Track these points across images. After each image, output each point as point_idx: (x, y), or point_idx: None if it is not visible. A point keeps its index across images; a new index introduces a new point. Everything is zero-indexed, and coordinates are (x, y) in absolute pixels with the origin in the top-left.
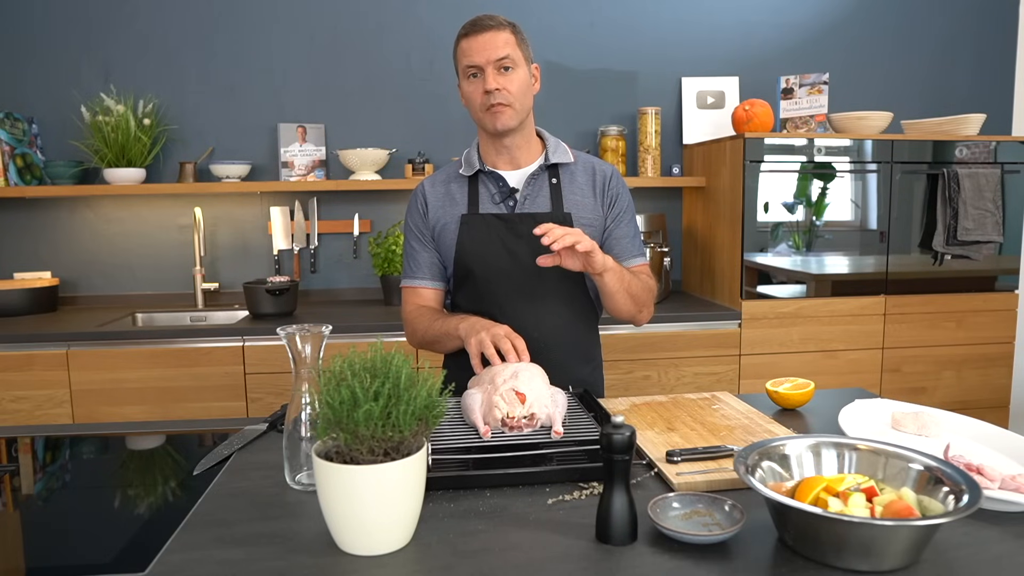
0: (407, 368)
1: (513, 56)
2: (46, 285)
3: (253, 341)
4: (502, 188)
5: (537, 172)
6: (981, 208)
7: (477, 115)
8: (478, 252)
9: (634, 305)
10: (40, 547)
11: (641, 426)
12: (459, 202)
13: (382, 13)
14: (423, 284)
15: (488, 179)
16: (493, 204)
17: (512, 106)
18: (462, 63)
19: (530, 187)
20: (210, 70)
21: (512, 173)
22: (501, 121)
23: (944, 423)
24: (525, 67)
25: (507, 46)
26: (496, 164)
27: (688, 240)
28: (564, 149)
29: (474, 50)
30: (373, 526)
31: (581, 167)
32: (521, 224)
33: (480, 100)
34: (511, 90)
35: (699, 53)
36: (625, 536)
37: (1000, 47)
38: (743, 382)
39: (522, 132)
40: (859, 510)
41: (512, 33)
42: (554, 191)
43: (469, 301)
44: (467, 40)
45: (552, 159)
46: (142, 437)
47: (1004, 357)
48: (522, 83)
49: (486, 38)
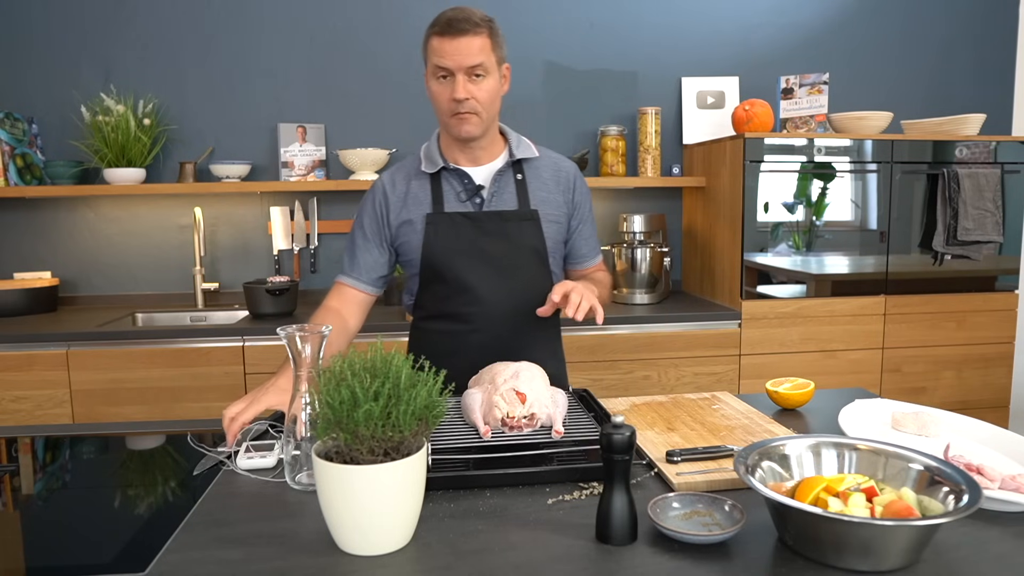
0: (407, 368)
1: (486, 64)
2: (46, 285)
3: (253, 341)
4: (467, 185)
5: (503, 169)
6: (981, 208)
7: (442, 117)
8: (446, 252)
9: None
10: (40, 547)
11: (641, 426)
12: (422, 200)
13: (382, 13)
14: (354, 284)
15: (452, 176)
16: (459, 202)
17: (479, 115)
18: (432, 60)
19: (496, 184)
20: (210, 70)
21: (477, 170)
22: (466, 129)
23: (944, 423)
24: (496, 73)
25: (481, 53)
26: (459, 161)
27: (688, 240)
28: (527, 144)
29: (447, 52)
30: (373, 526)
31: (545, 163)
32: (488, 222)
33: (447, 105)
34: (480, 99)
35: (699, 53)
36: (625, 536)
37: (1000, 47)
38: (743, 382)
39: (486, 135)
40: (859, 510)
41: (488, 36)
42: (520, 188)
43: (436, 301)
44: (440, 40)
45: (516, 154)
46: (142, 437)
47: (1004, 357)
48: (492, 91)
49: (461, 43)
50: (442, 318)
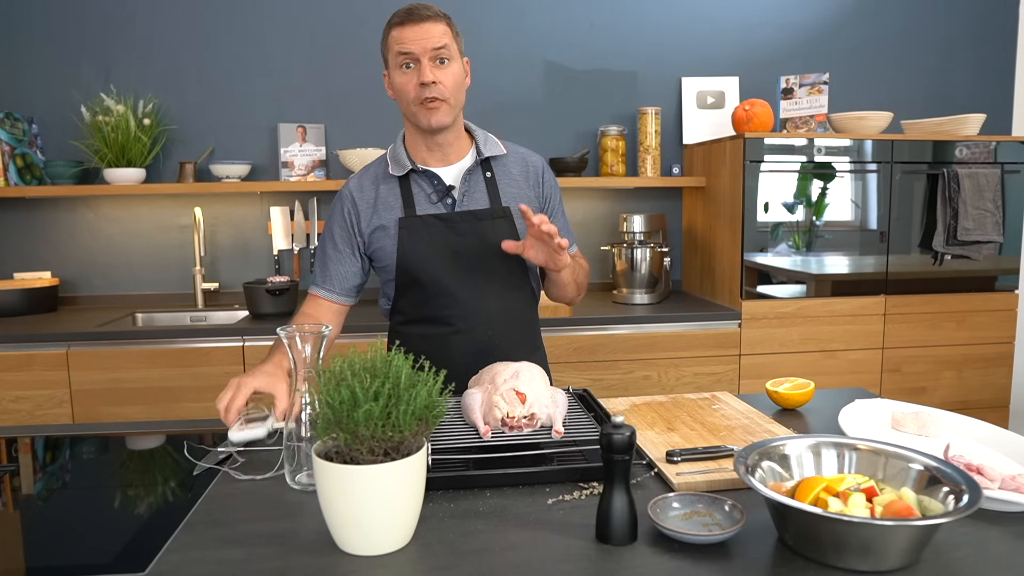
0: (407, 368)
1: (449, 47)
2: (46, 285)
3: (253, 341)
4: (438, 187)
5: (472, 168)
6: (981, 208)
7: (409, 108)
8: (421, 255)
9: (577, 291)
10: (40, 547)
11: (641, 426)
12: (393, 205)
13: (382, 13)
14: (327, 296)
15: (421, 178)
16: (430, 204)
17: (447, 101)
18: (394, 51)
19: (466, 184)
20: (210, 70)
21: (446, 170)
22: (436, 118)
23: (944, 423)
24: (460, 61)
25: (444, 36)
26: (427, 161)
27: (688, 240)
28: (494, 141)
29: (410, 39)
30: (373, 526)
31: (512, 159)
32: (462, 223)
33: (414, 93)
34: (447, 84)
35: (699, 53)
36: (625, 536)
37: (1000, 47)
38: (743, 382)
39: (454, 128)
40: (859, 510)
41: (447, 25)
42: (490, 185)
43: (414, 305)
44: (401, 29)
45: (484, 152)
46: (142, 437)
47: (1004, 357)
48: (457, 77)
49: (423, 28)
50: (421, 322)
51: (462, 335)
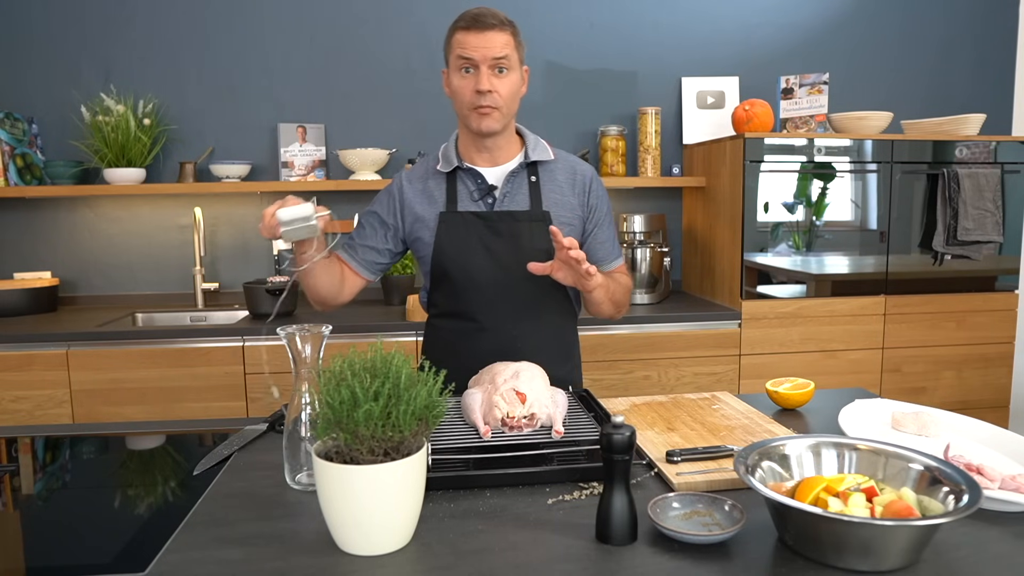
0: (407, 368)
1: (510, 58)
2: (46, 285)
3: (253, 341)
4: (480, 185)
5: (517, 170)
6: (981, 208)
7: (463, 111)
8: (456, 251)
9: (615, 309)
10: (40, 547)
11: (641, 426)
12: (437, 199)
13: (382, 13)
14: (347, 260)
15: (466, 176)
16: (472, 201)
17: (500, 109)
18: (455, 53)
19: (509, 185)
20: (210, 70)
21: (491, 170)
22: (487, 124)
23: (944, 423)
24: (518, 70)
25: (506, 47)
26: (475, 161)
27: (688, 240)
28: (544, 146)
29: (472, 45)
30: (373, 526)
31: (561, 166)
32: (500, 222)
33: (469, 98)
34: (502, 93)
35: (699, 53)
36: (625, 536)
37: (1000, 47)
38: (743, 382)
39: (504, 133)
40: (859, 510)
41: (512, 35)
42: (533, 189)
43: (447, 299)
44: (466, 34)
45: (532, 156)
46: (142, 437)
47: (1004, 357)
48: (513, 87)
49: (487, 36)
50: (451, 316)
51: (487, 332)
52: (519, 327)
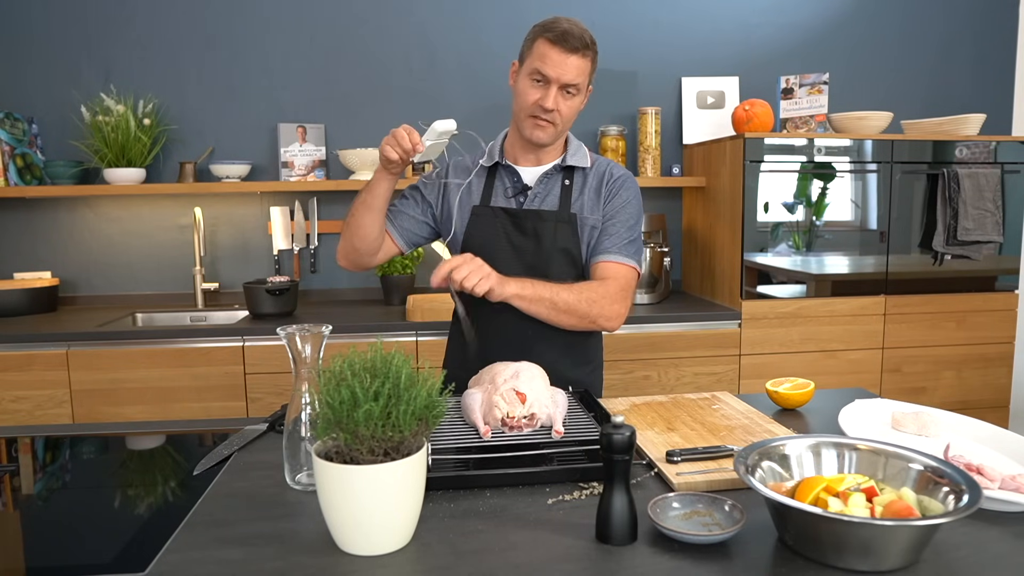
0: (407, 368)
1: (581, 85)
2: (46, 285)
3: (253, 341)
4: (515, 183)
5: (551, 172)
6: (981, 208)
7: (521, 115)
8: (482, 245)
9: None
10: (40, 547)
11: (641, 426)
12: (475, 191)
13: (382, 13)
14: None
15: (504, 172)
16: (505, 198)
17: (556, 126)
18: (534, 62)
19: (542, 185)
20: (210, 70)
21: (528, 170)
22: (538, 135)
23: (944, 423)
24: (584, 93)
25: (581, 75)
26: (518, 160)
27: (688, 240)
28: (584, 153)
29: (552, 63)
30: (373, 526)
31: (595, 171)
32: (526, 220)
33: (531, 107)
34: (563, 113)
35: (699, 53)
36: (625, 536)
37: (1000, 47)
38: (743, 382)
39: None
40: (859, 510)
41: (591, 60)
42: (564, 192)
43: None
44: (550, 48)
45: (569, 161)
46: (142, 437)
47: (1004, 357)
48: (575, 108)
49: (570, 60)
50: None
51: (506, 328)
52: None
